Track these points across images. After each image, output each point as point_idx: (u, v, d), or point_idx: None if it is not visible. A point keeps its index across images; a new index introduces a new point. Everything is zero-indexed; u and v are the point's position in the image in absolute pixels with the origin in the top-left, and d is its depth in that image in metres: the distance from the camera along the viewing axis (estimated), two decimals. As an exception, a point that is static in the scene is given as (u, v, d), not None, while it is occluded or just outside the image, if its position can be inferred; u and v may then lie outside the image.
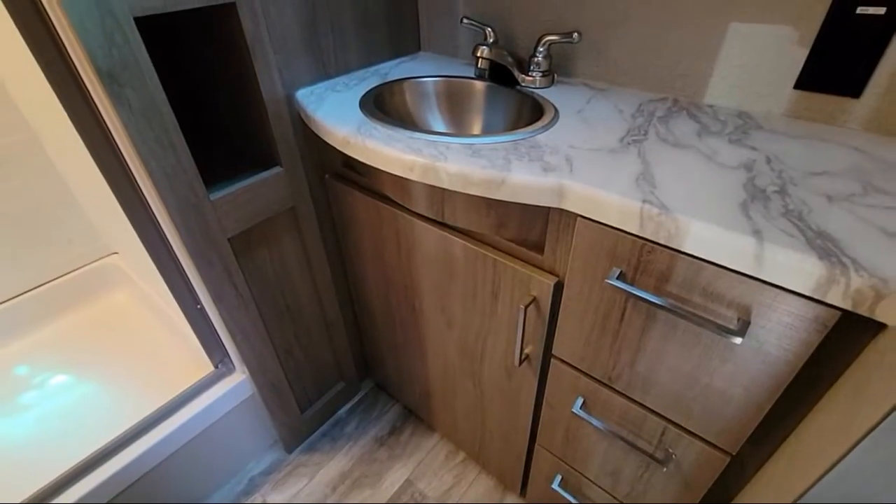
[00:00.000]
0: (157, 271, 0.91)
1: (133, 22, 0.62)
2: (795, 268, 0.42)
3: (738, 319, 0.49)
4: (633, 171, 0.57)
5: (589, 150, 0.63)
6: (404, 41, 1.07)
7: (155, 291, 1.32)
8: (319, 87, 0.89)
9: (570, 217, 0.60)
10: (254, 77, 0.79)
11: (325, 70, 0.92)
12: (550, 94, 0.83)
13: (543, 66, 0.84)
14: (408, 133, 0.69)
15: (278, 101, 0.84)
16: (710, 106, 0.75)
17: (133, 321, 1.46)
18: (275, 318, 1.04)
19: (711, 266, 0.49)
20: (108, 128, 0.72)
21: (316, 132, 0.81)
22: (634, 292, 0.54)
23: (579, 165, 0.59)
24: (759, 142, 0.63)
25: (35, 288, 1.45)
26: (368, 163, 0.71)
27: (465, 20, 0.91)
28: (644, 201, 0.51)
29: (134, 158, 0.71)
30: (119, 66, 0.63)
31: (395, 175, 0.69)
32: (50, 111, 0.91)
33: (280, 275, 1.01)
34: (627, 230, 0.53)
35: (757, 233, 0.45)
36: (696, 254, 0.49)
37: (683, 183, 0.54)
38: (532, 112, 0.79)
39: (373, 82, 0.91)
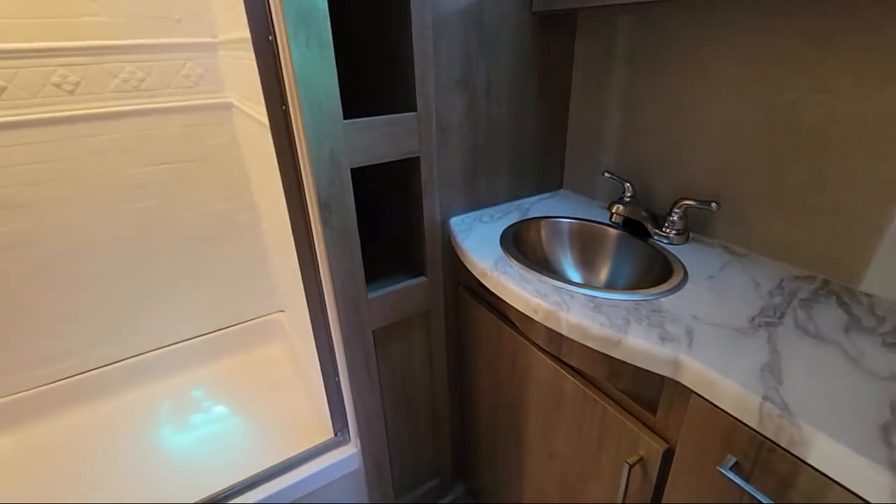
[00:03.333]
0: (313, 343, 1.12)
1: (349, 171, 0.85)
2: (944, 523, 0.38)
3: (876, 559, 0.44)
4: (758, 358, 0.57)
5: (713, 326, 0.64)
6: (548, 179, 1.21)
7: (304, 354, 1.57)
8: (469, 217, 1.06)
9: (686, 388, 0.61)
10: (419, 206, 0.99)
11: (477, 202, 1.09)
12: (683, 253, 0.85)
13: (678, 226, 0.88)
14: (537, 276, 0.79)
15: (434, 225, 1.02)
16: (868, 295, 0.70)
17: (281, 373, 1.74)
18: (392, 404, 1.16)
19: (841, 487, 0.45)
20: (312, 237, 0.96)
21: (460, 257, 0.96)
22: (750, 491, 0.52)
23: (700, 341, 0.61)
24: (924, 351, 0.57)
25: (221, 329, 1.83)
26: (499, 295, 0.81)
27: (606, 173, 1.01)
28: (765, 398, 0.50)
29: (324, 262, 0.93)
30: (333, 199, 0.86)
31: (521, 310, 0.78)
32: (275, 208, 1.24)
33: (405, 367, 1.14)
34: (745, 422, 0.53)
35: (895, 466, 0.42)
36: (821, 469, 0.46)
37: (816, 385, 0.52)
38: (661, 270, 0.82)
39: (514, 217, 1.05)
